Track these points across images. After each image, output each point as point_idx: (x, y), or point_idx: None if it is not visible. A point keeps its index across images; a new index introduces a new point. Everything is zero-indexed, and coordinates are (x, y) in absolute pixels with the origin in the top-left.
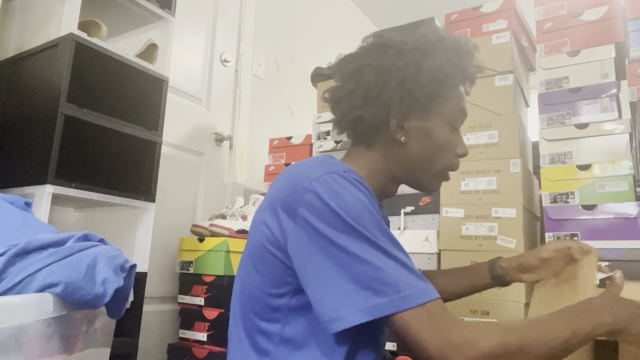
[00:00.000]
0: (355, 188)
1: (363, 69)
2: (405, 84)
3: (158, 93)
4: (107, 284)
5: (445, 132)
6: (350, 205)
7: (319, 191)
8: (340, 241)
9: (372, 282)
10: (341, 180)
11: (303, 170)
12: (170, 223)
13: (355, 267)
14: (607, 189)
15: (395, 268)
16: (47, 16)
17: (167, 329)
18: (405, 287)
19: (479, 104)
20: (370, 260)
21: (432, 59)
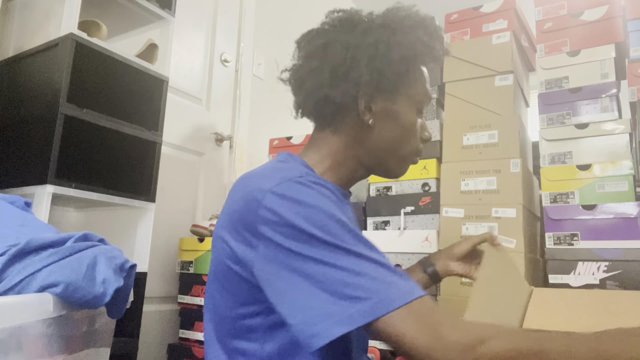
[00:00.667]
0: (314, 192)
1: (329, 45)
2: (374, 62)
3: (158, 93)
4: (107, 284)
5: (412, 115)
6: (311, 214)
7: (274, 204)
8: (307, 253)
9: (346, 289)
10: (297, 187)
11: (256, 182)
12: (170, 223)
13: (326, 277)
14: (607, 189)
15: (370, 269)
16: (47, 16)
17: (167, 329)
18: (384, 287)
19: (479, 104)
20: (340, 266)
21: (401, 36)
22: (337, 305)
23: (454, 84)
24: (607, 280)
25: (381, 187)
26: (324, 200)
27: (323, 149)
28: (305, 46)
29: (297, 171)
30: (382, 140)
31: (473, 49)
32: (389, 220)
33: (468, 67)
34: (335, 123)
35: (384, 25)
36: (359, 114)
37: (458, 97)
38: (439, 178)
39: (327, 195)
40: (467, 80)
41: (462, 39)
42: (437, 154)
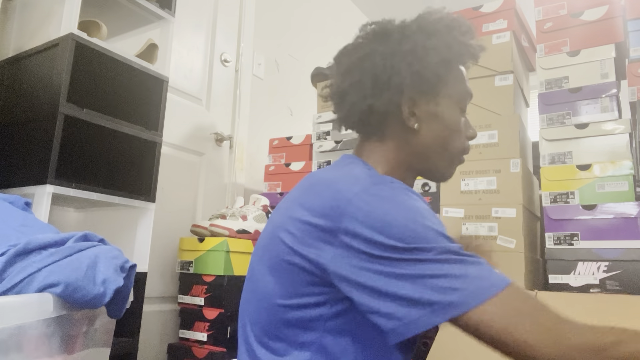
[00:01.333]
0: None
1: (367, 57)
2: (414, 67)
3: (158, 93)
4: (107, 284)
5: (455, 114)
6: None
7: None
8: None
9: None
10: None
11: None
12: (170, 223)
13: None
14: (607, 189)
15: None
16: (47, 16)
17: (167, 329)
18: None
19: (479, 104)
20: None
21: (437, 38)
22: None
23: None
24: (607, 280)
25: None
26: (415, 204)
27: (372, 157)
28: (344, 61)
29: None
30: (429, 142)
31: None
32: None
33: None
34: (382, 131)
35: (419, 30)
36: (403, 120)
37: None
38: None
39: (416, 199)
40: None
41: None
42: None
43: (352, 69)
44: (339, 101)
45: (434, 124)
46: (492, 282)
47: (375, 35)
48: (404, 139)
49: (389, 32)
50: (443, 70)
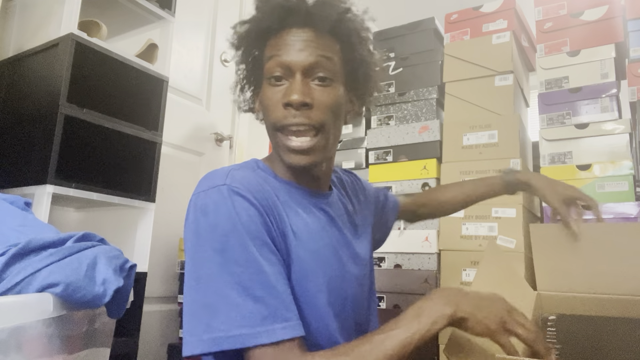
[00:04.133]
0: (232, 203)
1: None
2: (240, 68)
3: (158, 93)
4: (107, 284)
5: (266, 90)
6: (210, 227)
7: (191, 211)
8: (199, 265)
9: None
10: (215, 195)
11: (199, 183)
12: (170, 223)
13: (202, 295)
14: (607, 189)
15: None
16: (47, 16)
17: (167, 329)
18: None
19: (479, 104)
20: (217, 287)
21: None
22: (204, 325)
23: (454, 84)
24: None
25: (381, 187)
26: (233, 212)
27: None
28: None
29: (229, 179)
30: (266, 127)
31: (473, 49)
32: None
33: (468, 67)
34: None
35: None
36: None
37: (458, 97)
38: (439, 178)
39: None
40: (467, 80)
41: (462, 39)
42: (437, 154)
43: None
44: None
45: (262, 109)
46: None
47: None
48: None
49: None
50: (249, 57)
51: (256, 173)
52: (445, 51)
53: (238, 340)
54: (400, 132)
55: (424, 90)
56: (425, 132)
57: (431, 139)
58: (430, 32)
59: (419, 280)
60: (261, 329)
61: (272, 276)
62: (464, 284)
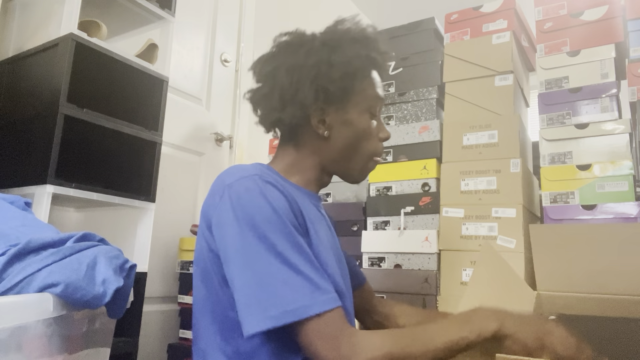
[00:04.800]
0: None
1: (276, 71)
2: (318, 82)
3: (158, 93)
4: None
5: (364, 120)
6: (254, 211)
7: (227, 200)
8: (245, 249)
9: (268, 292)
10: (249, 183)
11: (221, 180)
12: (170, 223)
13: (256, 277)
14: (607, 189)
15: (293, 277)
16: (47, 16)
17: (167, 329)
18: (300, 297)
19: (479, 104)
20: (268, 269)
21: (341, 52)
22: (261, 305)
23: (454, 84)
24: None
25: (381, 187)
26: (270, 200)
27: (286, 160)
28: (257, 72)
29: (258, 170)
30: (340, 148)
31: (473, 49)
32: (389, 220)
33: (468, 67)
34: (296, 139)
35: (324, 44)
36: (313, 128)
37: (458, 97)
38: (439, 178)
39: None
40: (467, 80)
41: (462, 39)
42: (437, 154)
43: (263, 80)
44: (254, 110)
45: (343, 131)
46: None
47: (285, 47)
48: (316, 145)
49: (297, 45)
50: (348, 81)
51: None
52: (445, 51)
53: (295, 314)
54: (400, 132)
55: (424, 90)
56: (425, 132)
57: (431, 139)
58: (430, 32)
59: (419, 280)
60: (311, 301)
61: (309, 254)
62: (464, 284)
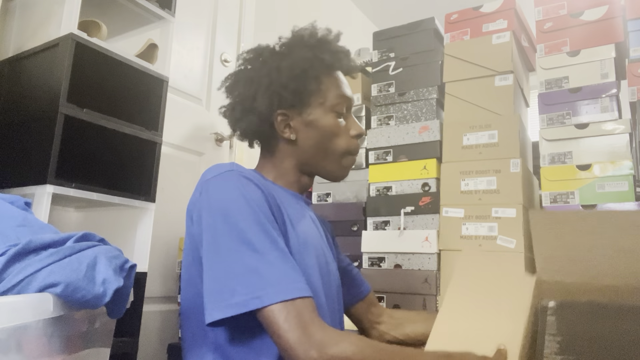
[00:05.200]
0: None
1: (237, 84)
2: (271, 88)
3: (158, 93)
4: (107, 284)
5: (329, 119)
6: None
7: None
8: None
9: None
10: (226, 177)
11: (203, 175)
12: (170, 223)
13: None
14: (607, 189)
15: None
16: (47, 16)
17: (167, 329)
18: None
19: (479, 104)
20: (236, 256)
21: (289, 58)
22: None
23: (454, 84)
24: None
25: (381, 187)
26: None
27: (267, 166)
28: (224, 88)
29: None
30: (309, 149)
31: (473, 49)
32: (389, 220)
33: (468, 67)
34: (268, 146)
35: (274, 53)
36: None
37: (458, 97)
38: (439, 178)
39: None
40: (467, 80)
41: (462, 39)
42: (437, 154)
43: (228, 95)
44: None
45: (309, 133)
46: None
47: (245, 62)
48: (288, 149)
49: (253, 59)
50: (300, 84)
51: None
52: (445, 51)
53: (261, 300)
54: (400, 132)
55: (424, 90)
56: (425, 132)
57: (431, 139)
58: (430, 32)
59: (419, 280)
60: (279, 288)
61: (280, 244)
62: None
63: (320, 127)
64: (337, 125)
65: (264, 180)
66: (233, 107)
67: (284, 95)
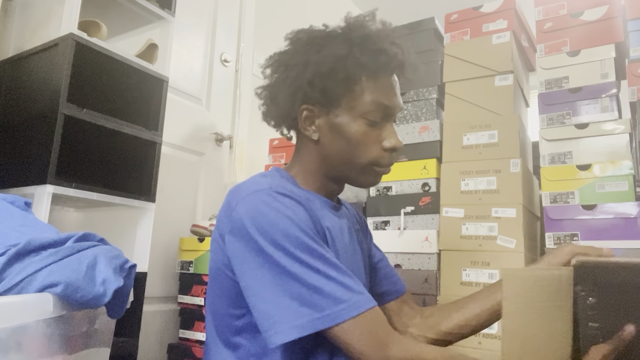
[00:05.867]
0: (279, 204)
1: (271, 66)
2: (297, 82)
3: (158, 93)
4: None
5: (357, 126)
6: (272, 225)
7: (242, 213)
8: (264, 263)
9: (300, 298)
10: (265, 197)
11: (236, 189)
12: (170, 223)
13: (283, 285)
14: (607, 189)
15: (322, 283)
16: (47, 16)
17: (167, 329)
18: (333, 303)
19: (479, 104)
20: (293, 277)
21: (321, 51)
22: (292, 312)
23: (454, 84)
24: None
25: (381, 187)
26: (285, 213)
27: (295, 165)
28: (262, 69)
29: (272, 182)
30: (331, 153)
31: (473, 49)
32: (389, 220)
33: (468, 67)
34: (297, 141)
35: (307, 44)
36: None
37: (458, 97)
38: (439, 178)
39: (290, 208)
40: (467, 80)
41: (462, 39)
42: (437, 154)
43: (263, 77)
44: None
45: (333, 136)
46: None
47: (288, 42)
48: (312, 149)
49: (294, 41)
50: (331, 83)
51: (283, 181)
52: (445, 51)
53: (329, 319)
54: (400, 132)
55: (424, 90)
56: (425, 132)
57: (431, 139)
58: (430, 32)
59: (419, 280)
60: (345, 305)
61: (333, 258)
62: (464, 284)
63: (345, 132)
64: (364, 133)
65: (299, 189)
66: (262, 90)
67: (308, 92)
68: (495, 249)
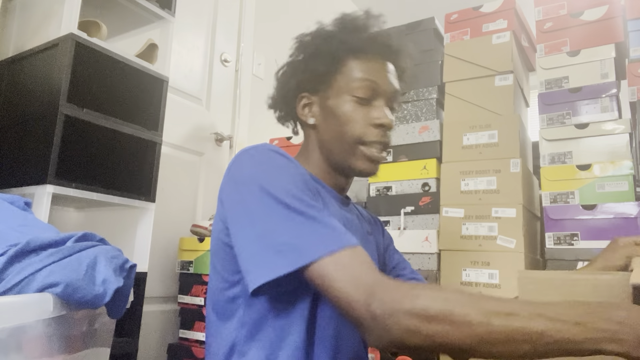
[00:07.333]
0: (277, 155)
1: (280, 70)
2: (299, 69)
3: (158, 93)
4: (107, 284)
5: (345, 104)
6: (260, 170)
7: (238, 160)
8: (247, 205)
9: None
10: (262, 149)
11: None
12: (170, 223)
13: (264, 228)
14: (607, 189)
15: (304, 223)
16: (47, 16)
17: (167, 329)
18: (315, 239)
19: (479, 104)
20: (278, 221)
21: (314, 41)
22: (270, 255)
23: (454, 84)
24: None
25: (381, 187)
26: (282, 163)
27: (302, 154)
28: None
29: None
30: (328, 135)
31: (473, 49)
32: (389, 220)
33: (468, 67)
34: (303, 131)
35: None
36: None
37: (458, 97)
38: (439, 178)
39: (287, 161)
40: (467, 80)
41: (462, 39)
42: (437, 154)
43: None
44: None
45: (327, 118)
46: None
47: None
48: (311, 136)
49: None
50: (322, 66)
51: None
52: (445, 51)
53: (308, 256)
54: (400, 132)
55: (424, 90)
56: (425, 132)
57: (431, 139)
58: (430, 32)
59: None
60: (328, 240)
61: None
62: (464, 284)
63: (335, 111)
64: (353, 110)
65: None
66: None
67: (304, 79)
68: (495, 249)
